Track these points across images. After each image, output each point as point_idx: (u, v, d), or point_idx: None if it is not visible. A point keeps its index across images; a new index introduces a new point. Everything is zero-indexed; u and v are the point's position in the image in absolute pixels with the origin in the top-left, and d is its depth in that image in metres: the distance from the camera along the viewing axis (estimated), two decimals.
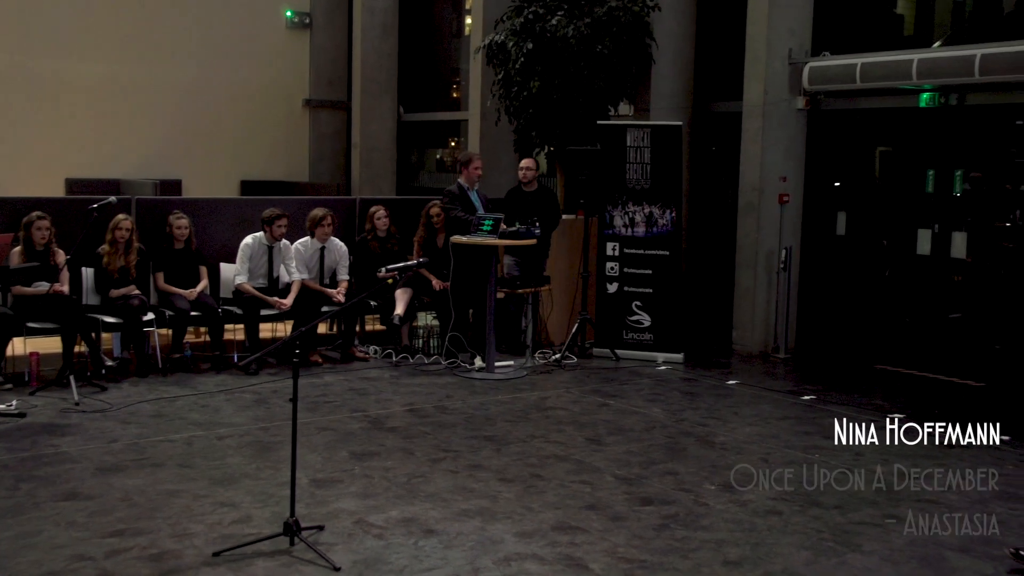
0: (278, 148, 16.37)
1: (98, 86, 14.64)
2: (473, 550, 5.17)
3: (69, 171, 14.26)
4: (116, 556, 4.97)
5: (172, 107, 15.22)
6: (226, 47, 15.69)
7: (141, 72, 14.98)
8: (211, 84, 15.56)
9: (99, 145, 14.59)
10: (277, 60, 16.34)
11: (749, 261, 10.65)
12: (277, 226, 9.47)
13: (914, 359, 9.68)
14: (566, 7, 10.62)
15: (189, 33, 15.36)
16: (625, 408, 8.23)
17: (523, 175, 10.18)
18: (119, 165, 14.65)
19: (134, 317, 8.75)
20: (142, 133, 14.97)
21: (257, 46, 16.10)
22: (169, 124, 15.19)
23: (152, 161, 14.92)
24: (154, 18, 15.10)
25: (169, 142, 15.11)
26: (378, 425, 7.52)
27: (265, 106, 16.17)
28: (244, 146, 15.90)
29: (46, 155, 14.15)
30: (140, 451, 6.70)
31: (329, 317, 9.99)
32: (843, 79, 9.90)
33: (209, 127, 15.52)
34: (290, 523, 5.11)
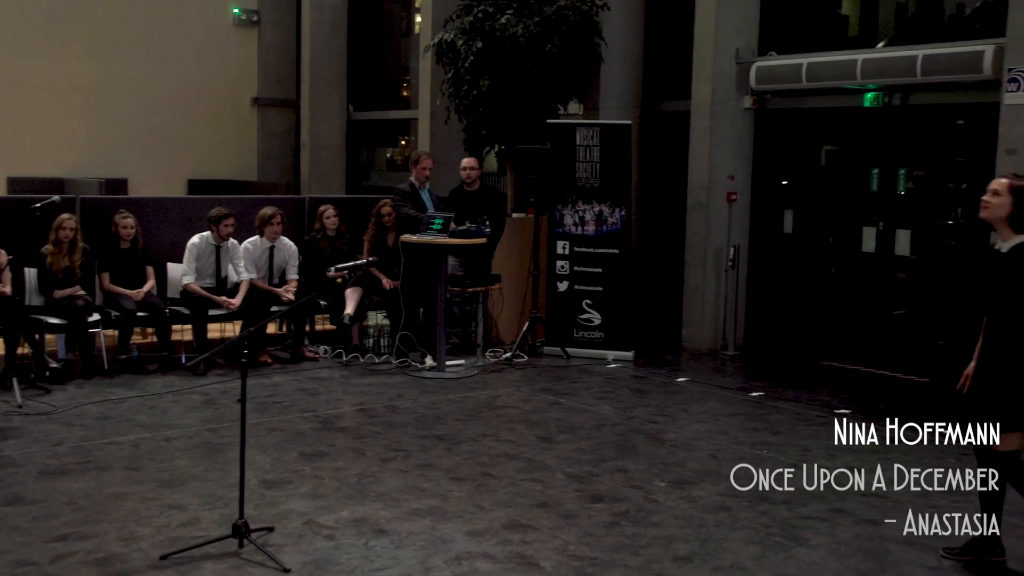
0: (226, 147, 16.22)
1: (42, 83, 14.41)
2: (424, 550, 5.17)
3: (11, 169, 14.03)
4: (61, 561, 4.90)
5: (118, 105, 15.03)
6: (173, 44, 15.52)
7: (86, 69, 14.77)
8: (158, 82, 15.38)
9: (43, 143, 14.36)
10: (225, 58, 16.20)
11: (698, 259, 10.74)
12: (224, 225, 9.39)
13: (860, 355, 9.82)
14: (515, 6, 10.64)
15: (136, 30, 15.17)
16: (576, 406, 8.26)
17: (465, 175, 10.15)
18: (63, 163, 14.45)
19: (79, 318, 8.63)
20: (87, 131, 14.77)
21: (204, 43, 15.94)
22: (115, 122, 14.99)
23: (97, 159, 14.71)
24: (100, 15, 14.91)
25: (115, 140, 14.92)
26: (328, 425, 7.49)
27: (213, 104, 16.03)
28: (191, 145, 15.74)
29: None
30: (85, 454, 6.61)
31: (278, 317, 9.93)
32: (789, 79, 10.02)
33: (156, 125, 15.35)
34: (239, 525, 5.07)
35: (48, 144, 14.42)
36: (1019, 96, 8.15)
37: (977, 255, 5.06)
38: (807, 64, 9.76)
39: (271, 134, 16.71)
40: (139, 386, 8.50)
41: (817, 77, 9.72)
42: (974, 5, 9.31)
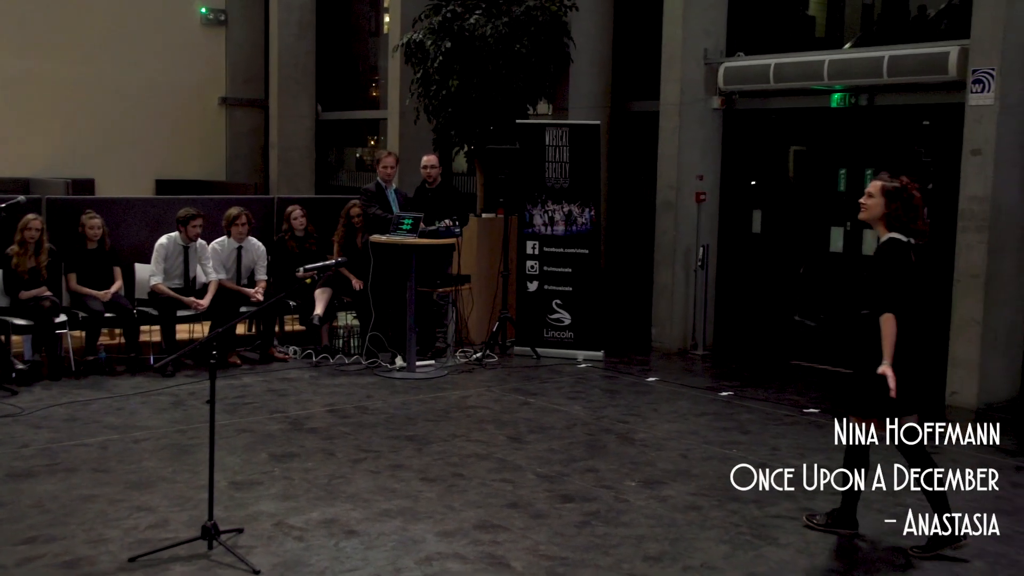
0: (194, 147, 16.11)
1: (8, 83, 14.26)
2: (395, 550, 5.16)
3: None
4: (28, 564, 4.86)
5: (84, 104, 14.89)
6: (140, 43, 15.39)
7: (53, 68, 14.62)
8: (125, 81, 15.25)
9: (7, 142, 14.21)
10: (192, 57, 16.08)
11: (667, 259, 10.78)
12: (192, 226, 9.34)
13: (829, 355, 9.89)
14: (484, 6, 10.64)
15: (102, 29, 15.04)
16: (546, 406, 8.27)
17: (426, 173, 10.09)
18: (29, 163, 14.28)
19: (45, 319, 8.55)
20: (53, 131, 14.62)
21: (171, 43, 15.82)
22: (81, 121, 14.85)
23: (63, 159, 14.57)
24: (67, 13, 14.76)
25: (81, 140, 14.78)
26: (298, 426, 7.46)
27: (180, 104, 15.92)
28: (159, 145, 15.62)
29: None
30: (53, 456, 6.55)
31: (247, 317, 9.89)
32: (757, 79, 10.08)
33: (123, 125, 15.22)
34: (208, 527, 5.05)
35: (13, 144, 14.26)
36: (983, 97, 8.24)
37: None
38: (775, 65, 9.83)
39: (239, 134, 16.61)
40: (107, 387, 8.43)
41: (784, 78, 9.79)
42: (939, 6, 9.41)
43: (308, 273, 5.95)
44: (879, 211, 5.22)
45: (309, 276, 5.95)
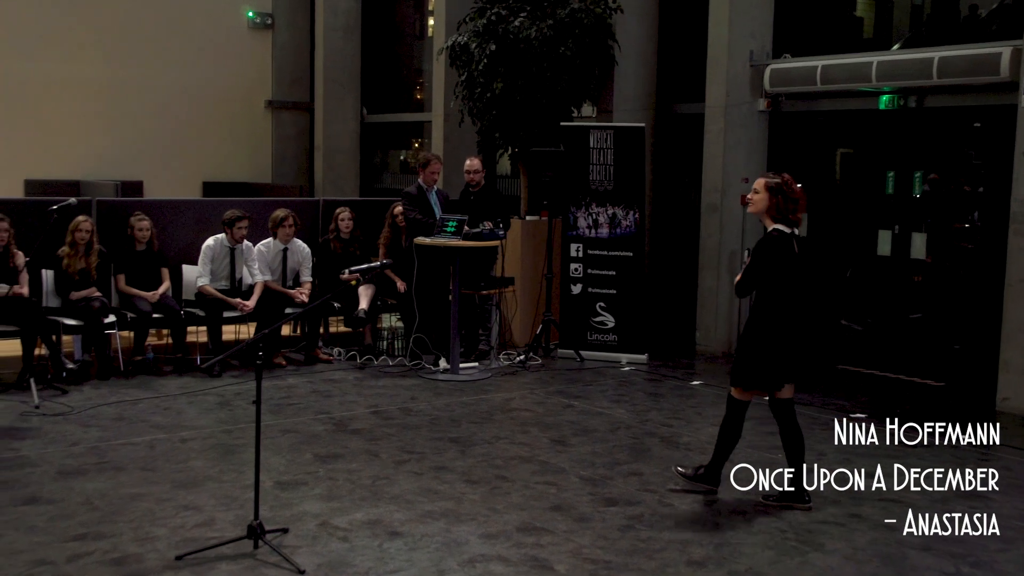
0: (240, 149, 16.26)
1: (59, 86, 14.48)
2: (438, 552, 5.17)
3: (28, 172, 14.08)
4: (77, 560, 4.92)
5: (133, 108, 15.08)
6: (188, 47, 15.56)
7: (103, 72, 14.82)
8: (173, 85, 15.43)
9: (59, 146, 14.42)
10: (239, 61, 16.23)
11: (712, 262, 10.72)
12: (238, 228, 9.42)
13: (875, 359, 9.78)
14: (529, 9, 10.64)
15: (150, 33, 15.22)
16: (589, 409, 8.25)
17: (469, 178, 10.06)
18: (79, 166, 14.49)
19: (95, 319, 8.67)
20: (103, 134, 14.82)
21: (219, 47, 15.98)
22: (130, 125, 15.04)
23: (113, 162, 14.76)
24: (116, 19, 14.96)
25: (130, 143, 14.97)
26: (342, 427, 7.50)
27: (227, 107, 16.07)
28: (206, 147, 15.78)
29: (5, 155, 13.97)
30: (102, 454, 6.63)
31: (292, 319, 9.95)
32: (803, 81, 9.99)
33: (171, 128, 15.39)
34: (254, 526, 5.09)
35: (65, 147, 14.48)
36: None
37: None
38: (822, 66, 9.74)
39: (285, 136, 16.74)
40: (154, 387, 8.53)
41: (832, 79, 9.69)
42: (990, 7, 9.27)
43: (353, 275, 5.99)
44: (764, 205, 5.82)
45: (354, 278, 6.00)
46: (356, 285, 9.68)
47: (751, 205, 5.94)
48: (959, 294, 9.25)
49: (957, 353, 9.19)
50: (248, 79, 16.34)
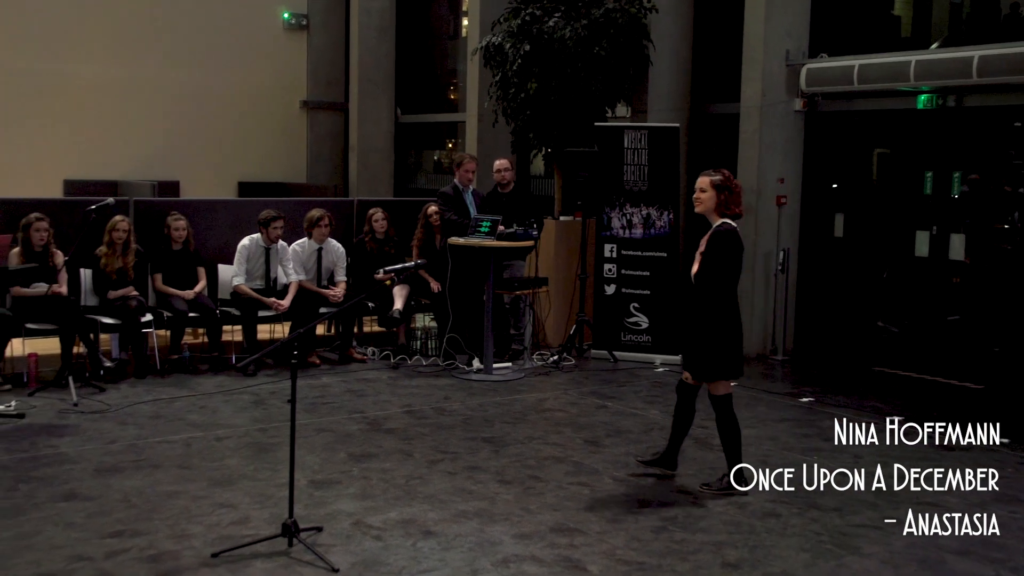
0: (275, 149, 16.35)
1: (96, 87, 14.62)
2: (471, 551, 5.17)
3: (67, 172, 14.23)
4: (115, 557, 4.97)
5: (170, 108, 15.20)
6: (223, 48, 15.68)
7: (139, 73, 14.96)
8: (209, 85, 15.55)
9: (97, 146, 14.56)
10: (274, 61, 16.32)
11: (746, 263, 10.55)
12: (273, 228, 9.47)
13: (912, 361, 9.69)
14: (563, 9, 10.62)
15: (187, 34, 15.34)
16: (623, 410, 8.23)
17: (499, 177, 10.09)
18: (117, 166, 14.63)
19: (132, 318, 8.75)
20: (140, 134, 14.95)
21: (254, 47, 16.08)
22: (167, 125, 15.17)
23: (150, 162, 14.89)
24: (152, 19, 15.08)
25: (167, 143, 15.09)
26: (376, 426, 7.52)
27: (262, 107, 16.16)
28: (242, 147, 15.88)
29: (44, 156, 14.12)
30: (138, 452, 6.69)
31: (327, 318, 9.99)
32: (840, 81, 9.91)
33: (207, 128, 15.50)
34: (288, 524, 5.11)
35: (103, 148, 14.61)
36: None
37: None
38: (859, 66, 9.66)
39: (320, 137, 16.82)
40: (190, 386, 8.60)
41: (869, 79, 9.61)
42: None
43: (388, 275, 6.00)
44: (712, 203, 6.07)
45: (389, 278, 6.01)
46: (390, 285, 9.71)
47: (699, 204, 6.13)
48: (998, 296, 9.13)
49: (996, 356, 9.08)
50: (283, 80, 16.42)
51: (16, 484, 5.99)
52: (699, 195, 6.11)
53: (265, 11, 16.26)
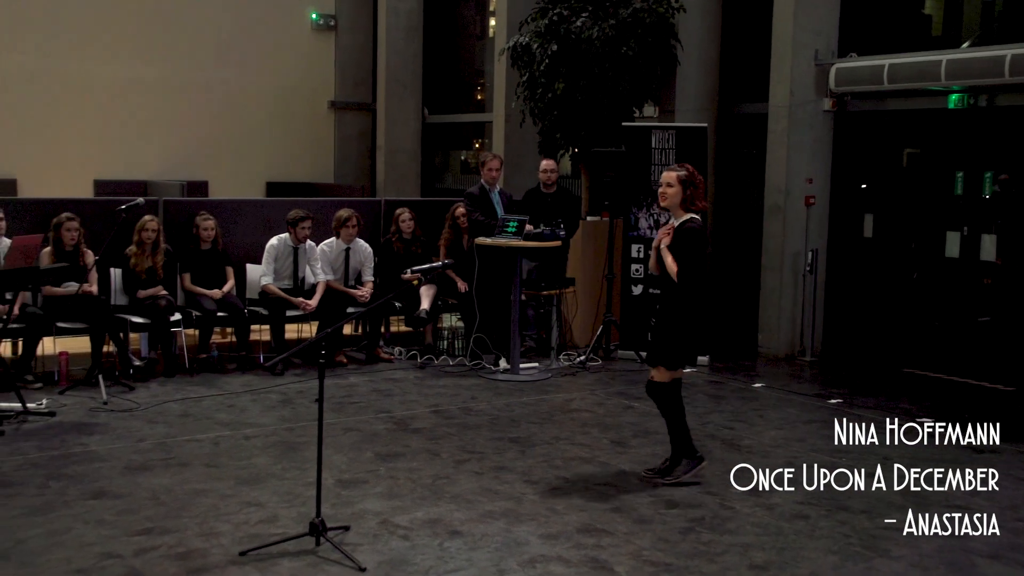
0: (303, 150, 16.43)
1: (126, 88, 14.75)
2: (498, 551, 5.17)
3: (97, 172, 14.37)
4: (144, 554, 5.00)
5: (199, 109, 15.31)
6: (252, 49, 15.77)
7: (168, 74, 15.07)
8: (237, 86, 15.65)
9: (127, 147, 14.70)
10: (302, 62, 16.40)
11: (775, 264, 10.61)
12: (301, 228, 9.51)
13: (943, 363, 9.61)
14: (591, 9, 10.61)
15: (215, 35, 15.45)
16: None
17: (546, 177, 10.15)
18: (147, 166, 14.77)
19: (161, 317, 8.81)
20: (169, 135, 15.07)
21: (283, 48, 16.17)
22: (196, 126, 15.28)
23: (179, 162, 15.01)
24: (181, 20, 15.20)
25: (196, 144, 15.20)
26: (403, 426, 7.54)
27: (290, 108, 16.25)
28: (270, 148, 15.97)
29: (75, 156, 14.27)
30: (167, 450, 6.74)
31: (354, 318, 10.02)
32: (870, 80, 9.84)
33: (235, 129, 15.61)
34: (316, 523, 5.13)
35: (132, 148, 14.74)
36: None
37: None
38: (889, 65, 9.59)
39: (347, 137, 16.88)
40: (218, 385, 8.65)
41: (899, 78, 9.53)
42: None
43: (415, 275, 6.01)
44: (679, 198, 6.15)
45: (416, 278, 6.02)
46: (418, 285, 9.72)
47: (664, 199, 6.21)
48: None
49: None
50: (311, 80, 16.50)
51: (47, 481, 6.04)
52: (665, 190, 6.19)
53: (293, 12, 16.34)
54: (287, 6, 16.28)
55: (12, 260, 7.84)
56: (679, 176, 6.16)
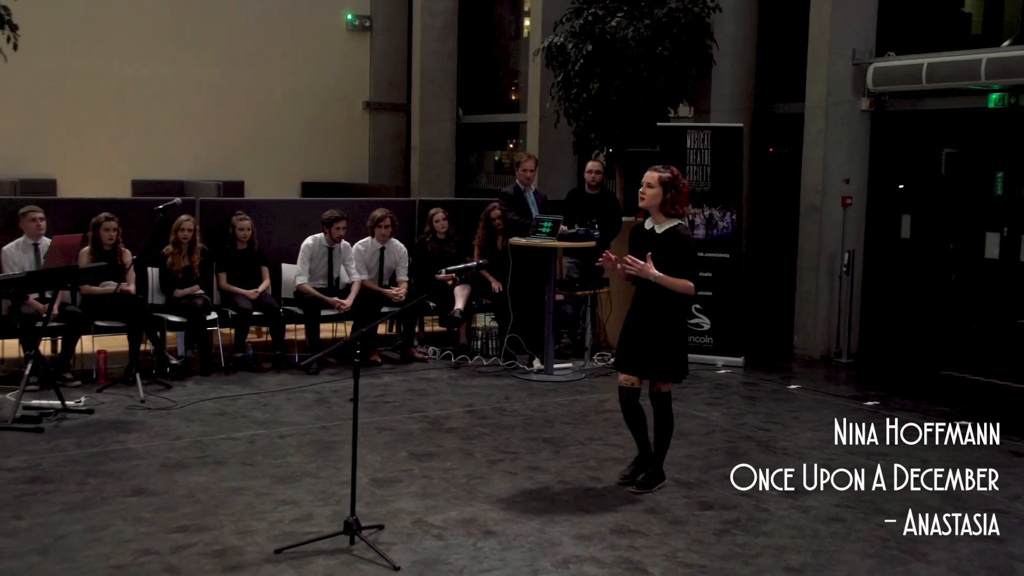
0: (338, 150, 16.51)
1: (164, 89, 14.87)
2: (532, 552, 5.17)
3: (135, 172, 14.50)
4: (181, 551, 5.04)
5: (235, 110, 15.42)
6: (288, 50, 15.86)
7: (205, 75, 15.19)
8: (273, 87, 15.74)
9: (164, 147, 14.83)
10: (338, 63, 16.47)
11: (811, 264, 10.53)
12: (336, 228, 9.55)
13: (982, 365, 9.50)
14: (626, 9, 10.57)
15: (252, 36, 15.55)
16: (685, 412, 8.16)
17: (591, 178, 10.15)
18: (183, 167, 14.89)
19: (198, 316, 8.87)
20: (206, 135, 15.19)
21: (318, 49, 16.25)
22: (232, 126, 15.38)
23: (215, 163, 15.13)
24: (218, 22, 15.31)
25: (232, 144, 15.31)
26: (437, 426, 7.55)
27: (326, 108, 16.32)
28: (305, 148, 16.05)
29: (113, 157, 14.40)
30: (203, 448, 6.79)
31: (389, 318, 10.05)
32: (908, 80, 9.75)
33: (271, 129, 15.70)
34: (350, 522, 5.15)
35: (170, 148, 14.87)
36: None
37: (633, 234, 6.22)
38: (928, 64, 9.49)
39: (382, 137, 16.93)
40: (254, 383, 8.70)
41: (938, 78, 9.43)
42: None
43: (449, 275, 6.02)
44: (658, 199, 5.95)
45: (450, 278, 6.03)
46: (452, 285, 9.72)
47: (643, 199, 6.02)
48: None
49: None
50: (346, 81, 16.57)
51: (86, 478, 6.11)
52: (645, 190, 6.00)
53: (329, 13, 16.42)
54: (322, 7, 16.36)
55: (52, 259, 7.95)
56: (661, 177, 5.96)
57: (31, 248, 8.57)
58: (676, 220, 6.00)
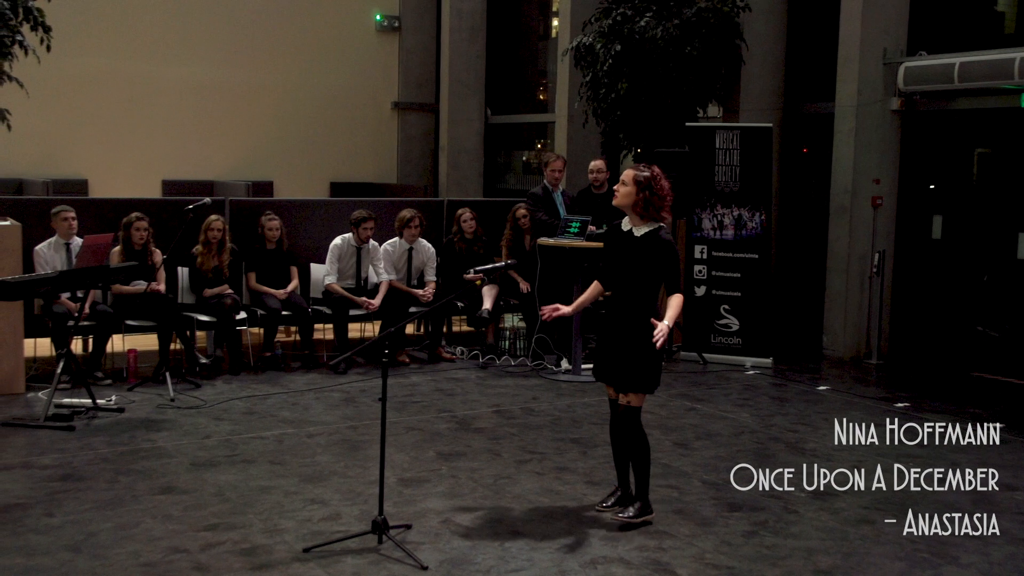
0: (367, 150, 16.56)
1: (193, 90, 14.97)
2: (559, 552, 5.17)
3: (165, 173, 14.62)
4: (210, 549, 5.07)
5: (264, 110, 15.50)
6: (317, 50, 15.92)
7: (234, 76, 15.28)
8: (302, 87, 15.81)
9: (194, 147, 14.92)
10: (366, 63, 16.52)
11: (840, 265, 10.46)
12: (365, 228, 9.58)
13: (1013, 367, 9.41)
14: (655, 8, 10.54)
15: (281, 37, 15.62)
16: (713, 413, 8.14)
17: (593, 178, 10.06)
18: (213, 167, 14.99)
19: (227, 316, 8.92)
20: (236, 136, 15.28)
21: (347, 49, 16.31)
22: (261, 127, 15.46)
23: (245, 163, 15.21)
24: (247, 22, 15.39)
25: (261, 144, 15.39)
26: (465, 426, 7.56)
27: (354, 109, 16.37)
28: (334, 148, 16.11)
29: (144, 157, 14.52)
30: (232, 447, 6.83)
31: (417, 318, 10.07)
32: (940, 79, 9.66)
33: (300, 130, 15.76)
34: (378, 521, 5.17)
35: (199, 149, 14.97)
36: None
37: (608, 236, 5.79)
38: (959, 64, 9.40)
39: (410, 137, 16.97)
40: (282, 383, 8.75)
41: (970, 77, 9.34)
42: None
43: (477, 275, 6.02)
44: (631, 198, 5.56)
45: (478, 278, 6.03)
46: (480, 285, 9.75)
47: (616, 197, 5.66)
48: None
49: None
50: (375, 81, 16.62)
51: (116, 476, 6.16)
52: (619, 187, 5.61)
53: (358, 13, 16.47)
54: (351, 8, 16.41)
55: (83, 259, 8.02)
56: (636, 176, 5.54)
57: (63, 248, 8.65)
58: (655, 223, 5.58)
